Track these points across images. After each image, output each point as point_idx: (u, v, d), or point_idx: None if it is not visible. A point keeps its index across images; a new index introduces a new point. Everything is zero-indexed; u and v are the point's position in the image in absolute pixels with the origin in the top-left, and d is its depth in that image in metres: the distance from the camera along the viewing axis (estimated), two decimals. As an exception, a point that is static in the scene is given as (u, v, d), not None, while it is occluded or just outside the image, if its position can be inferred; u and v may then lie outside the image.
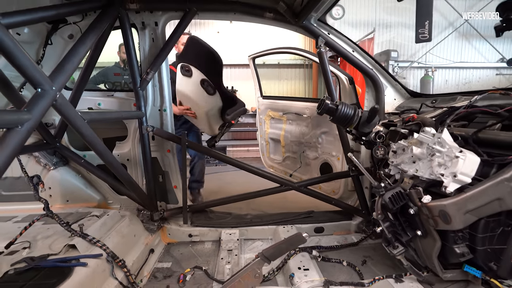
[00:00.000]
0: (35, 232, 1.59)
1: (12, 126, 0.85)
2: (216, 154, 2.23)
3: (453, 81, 7.92)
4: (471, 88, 7.66)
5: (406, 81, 7.38)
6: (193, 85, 2.43)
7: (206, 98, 2.48)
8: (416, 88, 7.30)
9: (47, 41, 1.77)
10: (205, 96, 2.46)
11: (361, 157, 2.19)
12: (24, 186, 1.95)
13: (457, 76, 7.97)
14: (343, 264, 1.72)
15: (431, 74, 7.22)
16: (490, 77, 7.97)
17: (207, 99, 2.48)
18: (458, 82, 7.92)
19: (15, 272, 1.21)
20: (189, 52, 2.35)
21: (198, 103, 2.52)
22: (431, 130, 1.17)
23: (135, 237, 1.84)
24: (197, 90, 2.44)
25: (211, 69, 2.37)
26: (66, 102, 1.18)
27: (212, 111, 2.56)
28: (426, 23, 1.07)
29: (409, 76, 7.60)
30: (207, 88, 2.44)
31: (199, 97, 2.47)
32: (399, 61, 7.01)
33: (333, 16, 6.25)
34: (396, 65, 6.72)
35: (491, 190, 0.96)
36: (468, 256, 1.06)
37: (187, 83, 2.44)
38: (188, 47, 2.36)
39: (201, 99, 2.48)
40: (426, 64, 7.51)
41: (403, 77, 7.24)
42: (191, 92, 2.47)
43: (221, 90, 2.51)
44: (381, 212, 1.21)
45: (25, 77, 0.96)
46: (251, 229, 2.17)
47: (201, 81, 2.40)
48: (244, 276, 1.15)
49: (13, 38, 0.87)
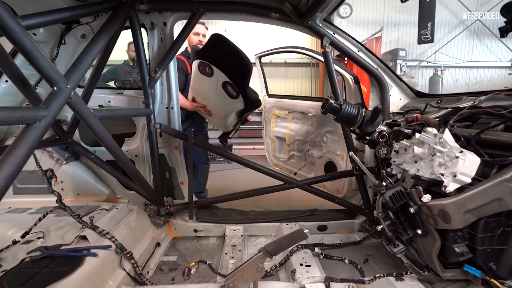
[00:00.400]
0: (48, 224, 1.67)
1: (31, 122, 0.91)
2: (222, 152, 2.27)
3: (463, 80, 7.77)
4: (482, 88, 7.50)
5: (415, 80, 7.28)
6: (213, 86, 2.22)
7: (227, 100, 2.27)
8: (424, 88, 7.20)
9: (61, 40, 1.84)
10: (226, 99, 2.25)
11: (366, 156, 2.20)
12: (38, 179, 2.04)
13: (467, 76, 7.80)
14: (345, 262, 1.75)
15: (440, 74, 7.10)
16: (502, 77, 7.78)
17: (227, 101, 2.28)
18: (469, 82, 7.76)
19: (31, 260, 1.28)
20: (212, 50, 2.10)
21: (216, 104, 2.38)
22: (432, 130, 1.19)
23: (143, 231, 1.91)
24: (217, 91, 2.22)
25: (237, 72, 2.12)
26: (80, 99, 1.24)
27: (231, 113, 2.42)
28: (428, 24, 1.09)
29: (417, 75, 7.49)
30: (229, 91, 2.21)
31: (218, 98, 2.29)
32: (408, 60, 6.92)
33: (340, 15, 6.21)
34: (404, 64, 6.63)
35: (491, 190, 0.97)
36: (468, 256, 1.07)
37: (205, 82, 2.24)
38: (211, 44, 2.09)
39: (220, 101, 2.30)
40: (435, 63, 7.38)
41: (411, 76, 7.14)
42: (209, 92, 2.30)
43: (246, 94, 2.25)
44: (382, 210, 1.23)
45: (43, 75, 1.01)
46: (255, 226, 2.21)
47: (223, 84, 2.17)
48: (247, 270, 1.19)
49: (32, 39, 0.93)
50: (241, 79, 2.15)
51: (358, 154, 2.27)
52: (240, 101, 2.27)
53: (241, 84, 2.17)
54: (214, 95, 2.29)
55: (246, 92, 2.23)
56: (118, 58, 3.85)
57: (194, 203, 2.18)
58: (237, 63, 2.08)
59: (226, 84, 2.17)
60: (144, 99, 1.97)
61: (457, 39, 7.37)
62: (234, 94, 2.22)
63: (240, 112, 2.43)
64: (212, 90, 2.25)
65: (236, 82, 2.16)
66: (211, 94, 2.31)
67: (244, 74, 2.12)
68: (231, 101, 2.26)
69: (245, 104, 2.31)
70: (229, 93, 2.21)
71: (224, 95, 2.22)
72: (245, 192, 2.25)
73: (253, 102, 2.39)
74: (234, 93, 2.21)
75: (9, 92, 1.81)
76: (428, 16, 1.09)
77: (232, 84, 2.16)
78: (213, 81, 2.18)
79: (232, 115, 2.44)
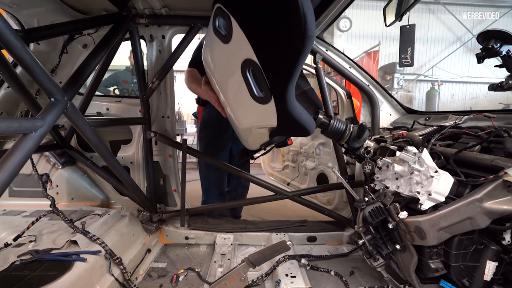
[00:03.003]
0: (41, 227, 1.71)
1: (27, 132, 0.96)
2: (214, 161, 2.32)
3: (459, 95, 7.88)
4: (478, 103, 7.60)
5: (412, 94, 7.38)
6: (227, 64, 1.25)
7: (248, 102, 1.18)
8: (422, 101, 7.29)
9: (63, 50, 1.92)
10: (248, 98, 1.17)
11: (356, 170, 2.25)
12: (34, 183, 2.08)
13: (464, 91, 7.92)
14: (330, 274, 1.77)
15: (437, 88, 7.21)
16: (498, 93, 7.89)
17: (249, 104, 1.19)
18: (465, 97, 7.88)
19: (21, 263, 1.32)
20: None
21: (231, 102, 1.39)
22: (412, 149, 1.24)
23: (134, 237, 1.94)
24: (234, 78, 1.19)
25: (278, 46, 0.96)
26: (76, 110, 1.30)
27: (257, 127, 1.36)
28: (408, 49, 1.15)
29: (415, 89, 7.60)
30: (253, 86, 1.13)
31: (234, 92, 1.28)
32: (405, 74, 7.04)
33: (340, 28, 6.35)
34: (401, 78, 6.75)
35: (463, 209, 1.02)
36: (442, 272, 1.11)
37: (217, 52, 1.31)
38: None
39: (237, 98, 1.30)
40: (432, 77, 7.51)
41: (408, 90, 7.25)
42: (221, 75, 1.36)
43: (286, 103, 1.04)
44: (363, 225, 1.27)
45: (41, 87, 1.08)
46: (245, 235, 2.23)
47: (244, 64, 1.09)
48: (230, 279, 1.22)
49: (33, 54, 0.99)
50: (283, 66, 0.96)
51: (349, 167, 2.32)
52: (272, 112, 1.10)
53: (281, 77, 0.98)
54: (227, 83, 1.30)
55: (287, 97, 1.00)
56: (120, 64, 3.95)
57: (186, 211, 2.22)
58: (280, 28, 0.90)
59: (249, 68, 1.07)
60: (141, 108, 2.03)
61: (454, 55, 7.52)
62: (261, 94, 1.10)
63: (273, 131, 1.30)
64: (226, 71, 1.27)
65: (271, 69, 1.01)
66: (223, 78, 1.34)
67: (292, 55, 0.90)
68: (255, 105, 1.15)
69: (281, 122, 1.13)
70: (252, 89, 1.11)
71: (243, 89, 1.15)
72: (237, 202, 2.29)
73: (297, 124, 1.11)
74: (261, 93, 1.10)
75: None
76: (408, 42, 1.16)
77: (261, 70, 1.03)
78: (229, 53, 1.18)
79: (259, 131, 1.38)
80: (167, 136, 2.14)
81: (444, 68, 7.54)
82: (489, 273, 1.03)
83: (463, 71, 7.75)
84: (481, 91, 7.93)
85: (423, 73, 7.47)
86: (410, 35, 1.13)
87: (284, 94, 0.99)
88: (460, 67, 7.75)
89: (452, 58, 7.50)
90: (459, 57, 7.63)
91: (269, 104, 1.09)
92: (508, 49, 1.14)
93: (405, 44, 1.15)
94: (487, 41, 1.15)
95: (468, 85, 7.86)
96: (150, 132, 2.02)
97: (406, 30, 1.13)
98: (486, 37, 1.14)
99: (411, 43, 1.14)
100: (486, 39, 1.15)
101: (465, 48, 7.55)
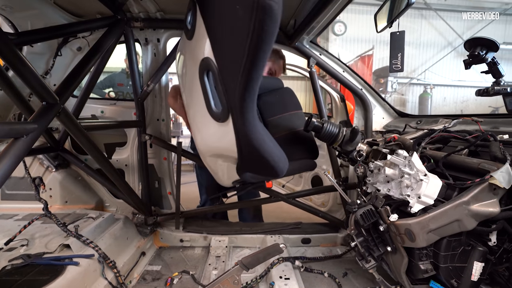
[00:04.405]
0: (33, 231, 1.69)
1: (18, 136, 0.96)
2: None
3: (451, 99, 8.04)
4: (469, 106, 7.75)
5: (405, 97, 7.50)
6: (189, 66, 1.08)
7: (205, 117, 0.95)
8: (415, 104, 7.41)
9: (57, 52, 1.91)
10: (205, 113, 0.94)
11: (350, 172, 2.28)
12: (27, 186, 2.06)
13: (455, 94, 8.08)
14: (324, 276, 1.79)
15: (429, 91, 7.34)
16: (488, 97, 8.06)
17: (206, 121, 0.97)
18: (456, 100, 8.03)
19: (12, 267, 1.30)
20: None
21: (191, 116, 1.22)
22: (403, 152, 1.27)
23: (128, 240, 1.93)
24: (193, 84, 0.98)
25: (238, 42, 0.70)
26: (69, 113, 1.29)
27: (219, 154, 1.14)
28: (399, 55, 1.18)
29: (408, 92, 7.72)
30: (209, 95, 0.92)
31: (194, 103, 1.08)
32: (398, 77, 7.16)
33: (335, 32, 6.43)
34: (395, 82, 6.85)
35: (451, 212, 1.04)
36: (432, 273, 1.13)
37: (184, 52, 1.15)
38: None
39: (196, 112, 1.08)
40: (425, 81, 7.64)
41: (402, 93, 7.37)
42: (185, 83, 1.16)
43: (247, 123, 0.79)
44: (355, 227, 1.29)
45: (34, 92, 1.07)
46: (240, 237, 2.24)
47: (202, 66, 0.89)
48: (224, 282, 1.23)
49: (24, 58, 0.99)
50: (240, 60, 0.68)
51: (343, 170, 2.35)
52: (231, 135, 0.86)
53: (238, 78, 0.69)
54: (190, 92, 1.09)
55: (244, 111, 0.73)
56: (116, 66, 3.93)
57: (181, 213, 2.22)
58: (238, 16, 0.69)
59: (207, 71, 0.89)
60: (136, 111, 2.03)
61: (446, 59, 7.67)
62: (218, 109, 0.88)
63: (237, 165, 1.06)
64: (187, 77, 1.08)
65: (226, 69, 0.78)
66: (186, 86, 1.15)
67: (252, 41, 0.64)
68: (212, 123, 0.93)
69: (242, 151, 0.89)
70: (209, 101, 0.90)
71: (201, 101, 0.93)
72: (231, 204, 2.29)
73: (260, 158, 0.87)
74: (219, 107, 0.88)
75: None
76: (398, 48, 1.19)
77: (216, 71, 0.83)
78: (191, 51, 1.01)
79: (224, 164, 1.18)
80: (162, 139, 2.14)
81: (436, 72, 7.69)
82: (476, 274, 1.06)
83: (455, 75, 7.92)
84: (471, 94, 8.10)
85: (416, 76, 7.61)
86: (400, 41, 1.17)
87: (241, 106, 0.69)
88: (452, 71, 7.92)
89: (443, 62, 7.66)
90: (451, 61, 7.80)
91: (227, 123, 0.81)
92: (493, 56, 1.17)
93: (395, 50, 1.18)
94: (473, 48, 1.19)
95: (459, 88, 8.03)
96: (145, 135, 2.02)
97: (396, 37, 1.16)
98: (472, 44, 1.18)
99: (401, 49, 1.18)
100: (472, 46, 1.19)
101: (456, 53, 7.72)
